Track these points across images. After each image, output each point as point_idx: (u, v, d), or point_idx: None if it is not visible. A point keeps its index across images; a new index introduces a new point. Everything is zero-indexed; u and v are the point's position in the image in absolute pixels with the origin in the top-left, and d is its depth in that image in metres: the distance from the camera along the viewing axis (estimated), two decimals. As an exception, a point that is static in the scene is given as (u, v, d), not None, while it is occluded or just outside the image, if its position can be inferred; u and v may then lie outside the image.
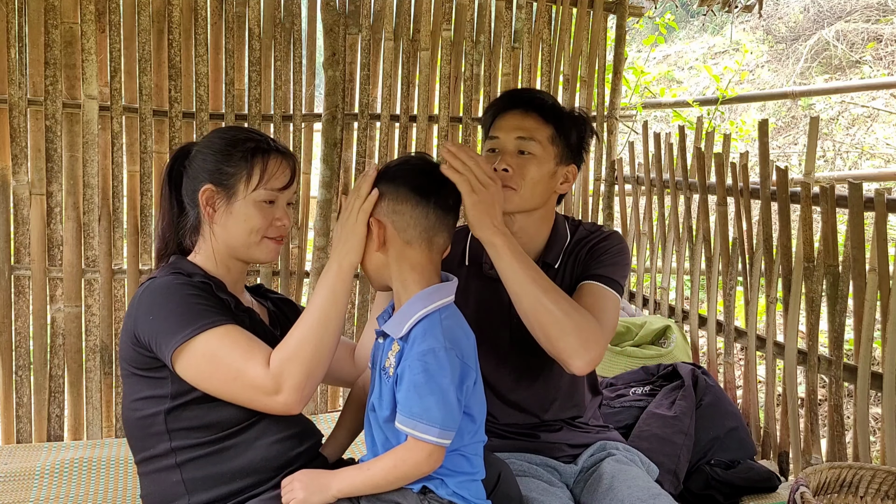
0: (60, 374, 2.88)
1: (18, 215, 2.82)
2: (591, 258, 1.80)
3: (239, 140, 1.59)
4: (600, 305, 1.70)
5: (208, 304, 1.48)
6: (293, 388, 1.43)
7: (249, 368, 1.43)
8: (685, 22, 10.15)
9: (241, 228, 1.57)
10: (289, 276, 3.10)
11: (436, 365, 1.36)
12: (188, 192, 1.60)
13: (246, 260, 1.62)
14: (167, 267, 1.58)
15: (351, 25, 3.07)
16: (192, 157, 1.61)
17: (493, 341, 1.80)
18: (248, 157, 1.57)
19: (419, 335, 1.41)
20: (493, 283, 1.76)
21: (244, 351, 1.44)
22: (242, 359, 1.43)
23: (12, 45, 2.75)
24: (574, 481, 1.81)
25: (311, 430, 1.63)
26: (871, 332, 2.35)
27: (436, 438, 1.35)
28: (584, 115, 1.87)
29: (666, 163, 3.26)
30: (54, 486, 2.31)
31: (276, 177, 1.58)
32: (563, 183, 1.80)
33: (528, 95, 1.81)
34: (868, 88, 7.15)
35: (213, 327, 1.44)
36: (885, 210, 2.29)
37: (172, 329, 1.44)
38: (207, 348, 1.43)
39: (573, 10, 3.29)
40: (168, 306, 1.47)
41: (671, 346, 2.92)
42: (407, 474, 1.39)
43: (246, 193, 1.56)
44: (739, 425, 2.39)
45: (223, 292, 1.55)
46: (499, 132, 1.76)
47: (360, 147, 3.12)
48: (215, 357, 1.44)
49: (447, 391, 1.36)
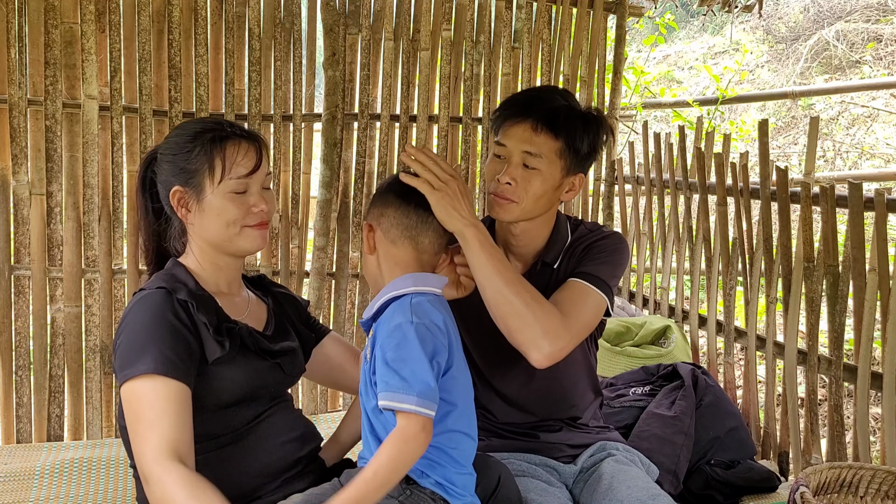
0: (60, 374, 2.88)
1: (18, 215, 2.82)
2: (584, 255, 1.79)
3: (196, 133, 1.53)
4: (575, 300, 1.68)
5: (174, 343, 1.43)
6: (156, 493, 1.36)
7: (144, 442, 1.38)
8: (685, 22, 10.14)
9: (218, 223, 1.52)
10: (289, 276, 3.10)
11: (405, 338, 1.39)
12: (163, 197, 1.56)
13: (234, 253, 1.58)
14: (159, 277, 1.54)
15: (351, 25, 3.07)
16: (158, 162, 1.57)
17: (496, 340, 1.80)
18: (208, 149, 1.51)
19: (388, 315, 1.45)
20: None
21: (152, 419, 1.38)
22: (146, 425, 1.38)
23: (12, 45, 2.75)
24: (573, 482, 1.81)
25: (312, 434, 1.63)
26: (871, 332, 2.35)
27: (415, 406, 1.35)
28: (599, 116, 1.80)
29: (666, 163, 3.26)
30: (54, 486, 2.31)
31: (239, 163, 1.52)
32: (569, 191, 1.78)
33: (541, 105, 1.73)
34: (868, 88, 7.15)
35: (155, 375, 1.39)
36: (885, 210, 2.29)
37: (130, 360, 1.42)
38: (136, 394, 1.40)
39: (573, 10, 3.29)
40: (139, 333, 1.44)
41: (671, 346, 2.92)
42: (412, 453, 1.37)
43: (213, 188, 1.51)
44: (739, 425, 2.39)
45: (207, 311, 1.49)
46: (507, 140, 1.72)
47: (360, 147, 3.12)
48: (136, 405, 1.40)
49: (419, 361, 1.37)
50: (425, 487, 1.43)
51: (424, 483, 1.43)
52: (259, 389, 1.54)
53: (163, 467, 1.35)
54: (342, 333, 3.16)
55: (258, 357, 1.54)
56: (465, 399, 1.50)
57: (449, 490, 1.44)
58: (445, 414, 1.45)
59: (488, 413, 1.87)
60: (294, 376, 1.65)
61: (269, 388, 1.57)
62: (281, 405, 1.59)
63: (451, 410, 1.46)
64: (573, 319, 1.65)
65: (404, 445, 1.36)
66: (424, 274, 1.51)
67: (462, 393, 1.49)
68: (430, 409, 1.36)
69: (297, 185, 3.10)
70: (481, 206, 3.26)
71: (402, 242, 1.52)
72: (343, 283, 3.16)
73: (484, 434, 1.83)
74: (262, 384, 1.55)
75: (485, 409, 1.86)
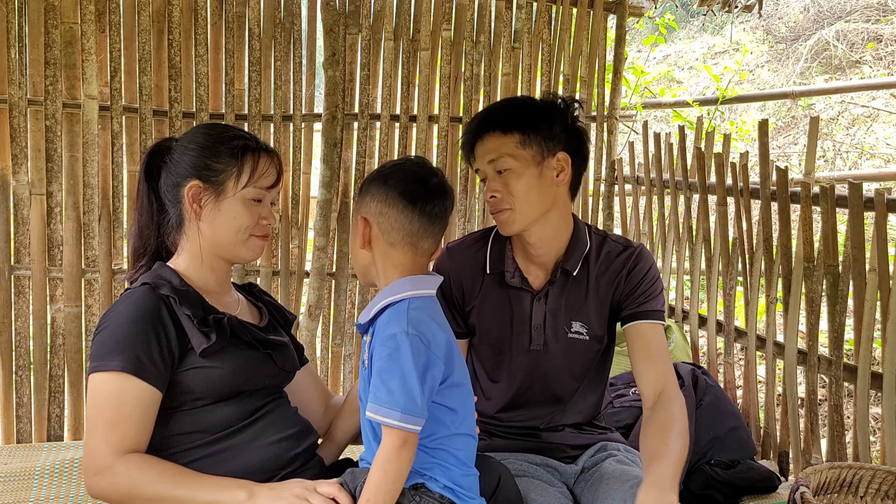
0: (60, 374, 2.88)
1: (18, 215, 2.82)
2: (633, 288, 1.78)
3: (226, 137, 1.56)
4: (659, 343, 1.74)
5: (151, 342, 1.44)
6: (108, 491, 1.43)
7: (101, 438, 1.42)
8: (685, 22, 10.15)
9: (230, 226, 1.54)
10: (289, 276, 3.10)
11: (397, 349, 1.37)
12: (169, 188, 1.56)
13: (231, 259, 1.59)
14: (145, 276, 1.54)
15: (351, 25, 3.07)
16: (172, 153, 1.57)
17: (511, 348, 1.81)
18: (238, 154, 1.54)
19: (384, 321, 1.43)
20: (516, 291, 1.78)
21: (115, 419, 1.41)
22: (106, 422, 1.42)
23: (12, 45, 2.75)
24: (574, 481, 1.82)
25: (308, 431, 1.62)
26: (871, 332, 2.35)
27: (398, 422, 1.34)
28: (554, 97, 1.78)
29: (666, 163, 3.25)
30: (54, 486, 2.31)
31: (265, 175, 1.56)
32: (560, 173, 1.74)
33: (485, 114, 1.77)
34: (868, 88, 7.15)
35: (124, 373, 1.41)
36: (885, 210, 2.29)
37: (102, 352, 1.44)
38: (102, 387, 1.43)
39: (573, 10, 3.29)
40: (116, 328, 1.45)
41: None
42: (398, 472, 1.37)
43: (236, 191, 1.53)
44: (739, 425, 2.39)
45: (190, 304, 1.49)
46: (476, 162, 1.76)
47: (360, 147, 3.12)
48: (99, 399, 1.43)
49: (408, 375, 1.36)
50: (434, 492, 1.43)
51: (433, 487, 1.43)
52: (252, 380, 1.53)
53: (123, 459, 1.41)
54: (342, 333, 3.16)
55: (249, 347, 1.54)
56: (467, 403, 1.50)
57: (458, 493, 1.45)
58: (450, 419, 1.45)
59: (493, 417, 1.86)
60: (287, 371, 1.64)
61: (262, 380, 1.56)
62: (276, 402, 1.59)
63: (454, 415, 1.46)
64: (666, 360, 1.73)
65: (388, 466, 1.36)
66: (420, 277, 1.50)
67: (464, 398, 1.49)
68: (414, 425, 1.36)
69: (297, 185, 3.10)
70: (481, 207, 3.27)
71: (401, 246, 1.48)
72: (343, 283, 3.16)
73: (485, 434, 1.83)
74: (254, 375, 1.54)
75: (488, 411, 1.86)
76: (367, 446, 1.48)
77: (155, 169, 1.58)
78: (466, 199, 3.21)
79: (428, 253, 1.52)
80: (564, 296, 1.78)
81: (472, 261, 1.83)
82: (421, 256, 1.51)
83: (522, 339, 1.80)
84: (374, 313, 1.46)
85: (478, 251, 1.84)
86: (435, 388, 1.41)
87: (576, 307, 1.79)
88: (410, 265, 1.50)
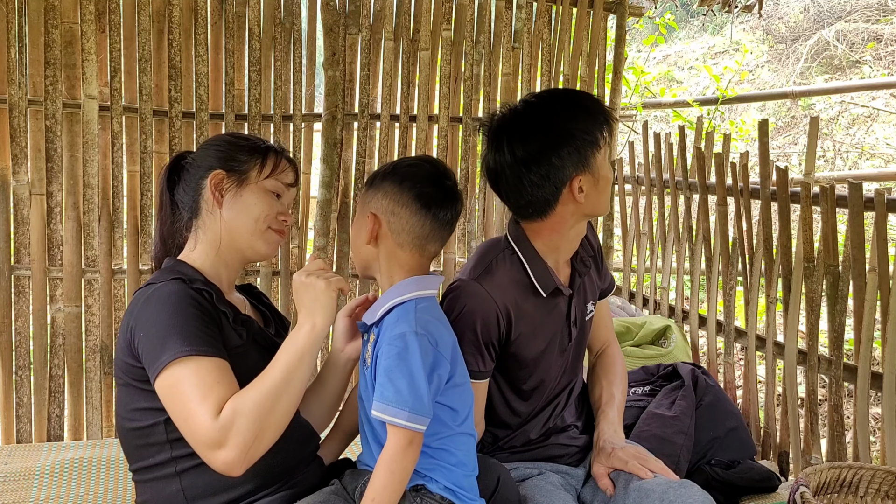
0: (60, 374, 2.88)
1: (18, 215, 2.82)
2: (604, 265, 1.91)
3: (250, 137, 1.66)
4: (609, 313, 2.02)
5: (200, 324, 1.42)
6: (238, 446, 1.34)
7: (199, 414, 1.35)
8: (685, 22, 10.15)
9: (250, 214, 1.56)
10: (289, 276, 3.10)
11: (406, 349, 1.38)
12: (188, 186, 1.60)
13: (247, 251, 1.59)
14: (166, 271, 1.54)
15: (351, 25, 3.07)
16: (194, 154, 1.63)
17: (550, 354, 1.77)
18: (262, 149, 1.61)
19: (392, 321, 1.43)
20: (553, 297, 1.73)
21: (202, 393, 1.36)
22: (197, 400, 1.35)
23: (12, 45, 2.74)
24: (582, 485, 1.81)
25: (310, 434, 1.63)
26: (871, 332, 2.35)
27: (405, 422, 1.34)
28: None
29: (666, 163, 3.26)
30: (54, 486, 2.31)
31: (286, 172, 1.62)
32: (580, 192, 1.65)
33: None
34: (868, 88, 7.15)
35: (189, 356, 1.37)
36: (885, 210, 2.29)
37: (157, 352, 1.39)
38: (174, 378, 1.37)
39: (573, 10, 3.29)
40: (160, 323, 1.41)
41: (671, 346, 2.92)
42: (403, 472, 1.37)
43: (258, 179, 1.58)
44: (739, 425, 2.39)
45: (221, 302, 1.51)
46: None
47: (360, 147, 3.12)
48: (176, 390, 1.38)
49: (416, 375, 1.36)
50: (435, 493, 1.43)
51: (434, 488, 1.43)
52: None
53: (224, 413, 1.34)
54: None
55: (264, 349, 1.55)
56: (468, 403, 1.51)
57: (459, 495, 1.45)
58: (451, 419, 1.45)
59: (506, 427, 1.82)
60: None
61: None
62: None
63: (456, 415, 1.46)
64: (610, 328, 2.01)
65: (394, 465, 1.36)
66: (425, 277, 1.50)
67: (465, 398, 1.50)
68: (421, 424, 1.36)
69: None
70: (481, 207, 3.27)
71: (409, 248, 1.49)
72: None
73: (493, 448, 1.81)
74: None
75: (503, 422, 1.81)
76: (366, 448, 1.48)
77: (176, 178, 1.63)
78: (466, 200, 3.21)
79: (433, 255, 1.53)
80: (584, 282, 1.81)
81: (516, 288, 1.68)
82: (426, 258, 1.52)
83: (563, 340, 1.78)
84: (382, 314, 1.46)
85: (515, 277, 1.69)
86: (441, 387, 1.41)
87: (590, 288, 1.85)
88: (416, 266, 1.50)
